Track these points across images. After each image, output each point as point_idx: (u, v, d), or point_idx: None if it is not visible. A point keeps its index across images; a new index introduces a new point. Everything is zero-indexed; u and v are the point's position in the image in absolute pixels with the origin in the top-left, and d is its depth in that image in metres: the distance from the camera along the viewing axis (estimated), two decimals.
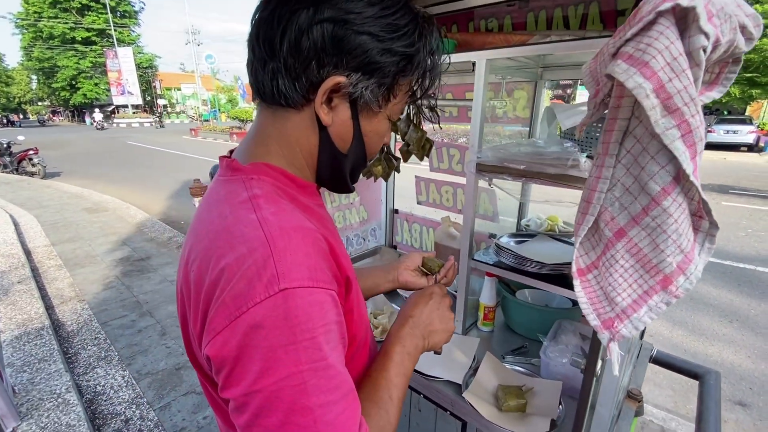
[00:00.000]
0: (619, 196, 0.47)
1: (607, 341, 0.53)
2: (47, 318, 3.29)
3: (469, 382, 1.11)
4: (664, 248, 0.46)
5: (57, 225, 6.05)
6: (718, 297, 3.95)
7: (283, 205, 0.53)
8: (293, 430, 0.43)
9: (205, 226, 0.53)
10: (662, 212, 0.44)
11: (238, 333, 0.44)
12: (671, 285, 0.47)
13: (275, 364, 0.43)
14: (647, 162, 0.44)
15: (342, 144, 0.60)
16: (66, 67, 36.07)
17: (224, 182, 0.57)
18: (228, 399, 0.46)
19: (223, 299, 0.45)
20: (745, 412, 2.52)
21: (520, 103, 1.51)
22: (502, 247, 1.21)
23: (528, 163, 1.00)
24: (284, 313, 0.43)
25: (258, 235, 0.47)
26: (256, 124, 0.61)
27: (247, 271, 0.45)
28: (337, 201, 1.84)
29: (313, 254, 0.48)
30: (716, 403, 1.13)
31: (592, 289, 0.54)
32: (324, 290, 0.47)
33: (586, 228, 0.51)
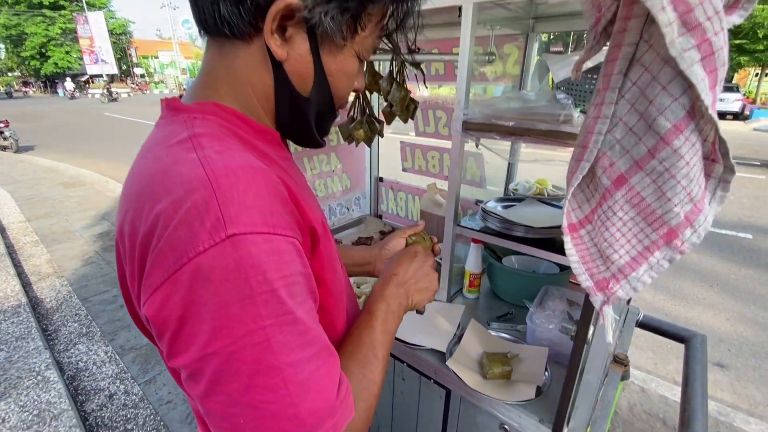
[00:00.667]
0: (621, 137, 0.41)
1: (601, 304, 0.48)
2: (24, 295, 3.19)
3: (453, 350, 1.08)
4: (671, 196, 0.39)
5: (32, 200, 5.82)
6: (699, 263, 4.03)
7: (231, 143, 0.45)
8: (260, 394, 0.38)
9: (138, 173, 0.45)
10: (672, 153, 0.37)
11: (180, 288, 0.37)
12: (676, 239, 0.42)
13: (230, 322, 0.37)
14: (657, 94, 0.36)
15: (302, 84, 0.51)
16: (34, 34, 33.90)
17: (163, 124, 0.49)
18: (176, 367, 0.40)
19: (160, 249, 0.38)
20: (724, 373, 2.60)
21: (511, 59, 1.41)
22: (489, 211, 1.15)
23: (517, 119, 0.92)
24: (235, 263, 0.37)
25: (197, 174, 0.39)
26: (203, 64, 0.52)
27: (185, 215, 0.38)
28: (318, 168, 1.75)
29: (266, 196, 0.41)
30: (702, 366, 1.12)
31: (585, 247, 0.49)
32: (282, 237, 0.40)
33: (580, 176, 0.44)
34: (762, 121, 15.00)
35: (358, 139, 1.56)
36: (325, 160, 1.76)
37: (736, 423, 2.18)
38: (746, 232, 4.77)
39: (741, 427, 2.15)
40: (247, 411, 0.38)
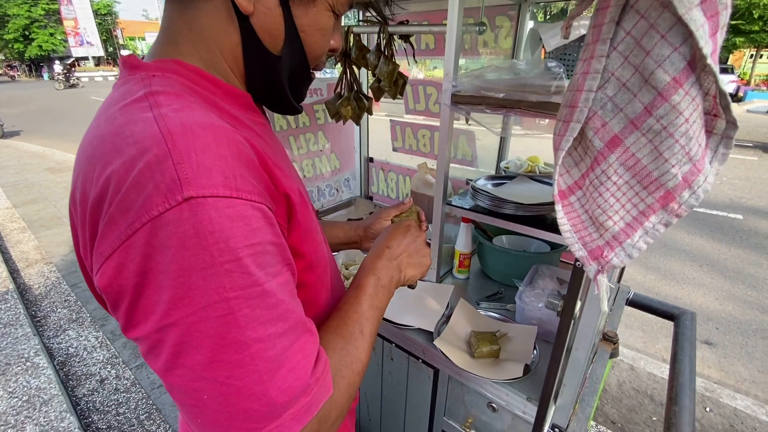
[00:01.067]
0: (613, 94, 0.37)
1: (595, 273, 0.45)
2: (11, 282, 3.15)
3: (441, 330, 1.06)
4: (668, 157, 0.36)
5: (18, 186, 5.71)
6: (690, 243, 4.06)
7: (192, 102, 0.41)
8: (225, 369, 0.35)
9: (91, 135, 0.41)
10: (671, 110, 0.34)
11: (135, 255, 0.34)
12: (673, 202, 0.39)
13: (191, 292, 0.34)
14: (655, 43, 0.33)
15: (271, 42, 0.47)
16: (17, 15, 32.69)
17: (120, 85, 0.44)
18: (134, 339, 0.37)
19: (111, 215, 0.35)
20: (711, 351, 2.64)
21: (503, 31, 1.36)
22: (479, 189, 1.12)
23: (507, 90, 0.88)
24: (193, 229, 0.34)
25: (152, 132, 0.36)
26: (162, 22, 0.48)
27: (138, 176, 0.34)
28: (305, 147, 1.70)
29: (229, 157, 0.37)
30: (691, 343, 1.12)
31: (576, 214, 0.46)
32: (247, 201, 0.37)
33: (570, 138, 0.41)
34: (756, 102, 14.99)
35: (346, 117, 1.51)
36: (313, 139, 1.71)
37: (722, 399, 2.23)
38: (737, 212, 4.80)
39: (727, 403, 2.19)
40: (212, 386, 0.36)
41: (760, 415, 2.11)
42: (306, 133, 1.68)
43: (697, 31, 0.30)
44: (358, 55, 1.43)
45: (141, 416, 2.06)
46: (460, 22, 0.96)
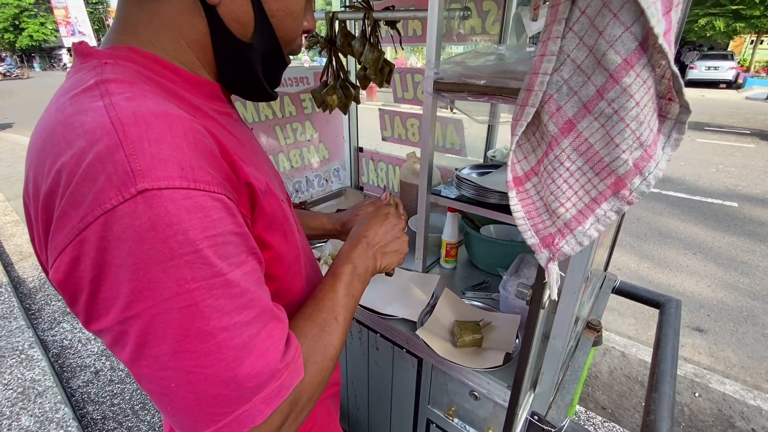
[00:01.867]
0: (568, 77, 0.36)
1: (546, 261, 0.45)
2: (5, 275, 3.14)
3: (425, 320, 1.06)
4: (619, 141, 0.35)
5: (11, 179, 5.67)
6: (684, 231, 4.07)
7: (146, 90, 0.39)
8: (191, 358, 0.36)
9: (41, 126, 0.40)
10: (621, 93, 0.33)
11: (89, 249, 0.33)
12: (624, 188, 0.38)
13: (152, 285, 0.34)
14: (608, 23, 0.32)
15: (241, 30, 0.46)
16: (6, 4, 32.11)
17: (72, 74, 0.43)
18: (96, 332, 0.37)
19: (63, 209, 0.34)
20: (702, 337, 2.67)
21: (490, 16, 1.34)
22: (463, 178, 1.11)
23: (489, 77, 0.86)
24: (150, 222, 0.33)
25: (102, 122, 0.34)
26: (118, 14, 0.46)
27: (89, 168, 0.33)
28: (292, 137, 1.68)
29: (185, 147, 0.36)
30: (675, 330, 1.12)
31: (531, 201, 0.45)
32: (205, 192, 0.36)
33: (525, 123, 0.40)
34: (755, 89, 14.89)
35: (332, 106, 1.49)
36: (300, 129, 1.69)
37: (711, 384, 2.25)
38: (732, 200, 4.80)
39: (716, 388, 2.22)
40: (179, 375, 0.36)
41: (748, 400, 2.14)
42: (293, 122, 1.66)
43: (648, 9, 0.29)
44: (343, 42, 1.41)
45: (135, 407, 2.08)
46: (442, 7, 0.94)
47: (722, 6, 15.98)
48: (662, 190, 5.12)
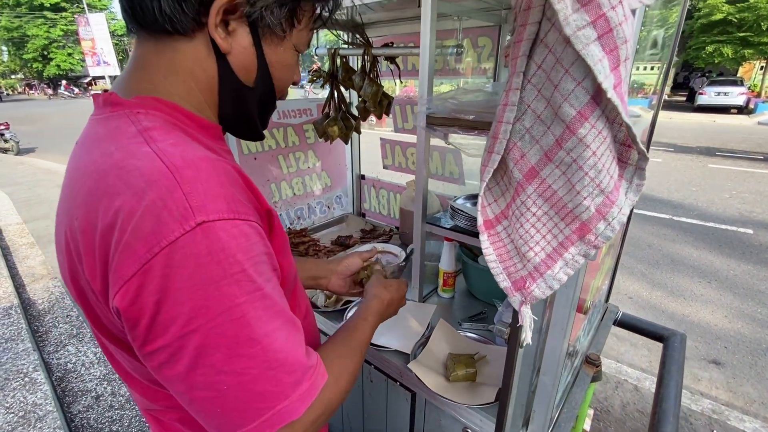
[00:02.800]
0: (530, 126, 0.37)
1: (519, 304, 0.45)
2: (16, 297, 3.20)
3: (418, 352, 1.05)
4: (580, 189, 0.36)
5: (30, 202, 5.85)
6: (698, 258, 3.97)
7: (180, 137, 0.47)
8: (242, 361, 0.42)
9: (85, 169, 0.45)
10: (578, 143, 0.34)
11: (154, 277, 0.39)
12: (589, 233, 0.39)
13: (208, 302, 0.40)
14: (561, 78, 0.33)
15: (246, 75, 0.53)
16: (36, 36, 34.04)
17: (103, 120, 0.48)
18: (152, 352, 0.42)
19: (127, 242, 0.39)
20: (719, 371, 2.56)
21: (485, 51, 1.38)
22: (457, 209, 1.12)
23: (477, 112, 0.89)
24: (207, 249, 0.40)
25: (157, 166, 0.41)
26: (134, 60, 0.52)
27: (150, 206, 0.39)
28: (295, 166, 1.72)
29: (228, 185, 0.44)
30: (679, 366, 1.09)
31: (502, 244, 0.46)
32: (246, 222, 0.43)
33: (491, 170, 0.41)
34: (767, 114, 14.77)
35: (333, 136, 1.53)
36: (302, 158, 1.73)
37: (730, 421, 2.14)
38: (746, 227, 4.69)
39: (735, 426, 2.11)
40: (232, 377, 0.42)
41: None
42: (296, 152, 1.71)
43: (595, 66, 0.30)
44: (344, 76, 1.46)
45: None
46: (433, 45, 0.97)
47: (729, 33, 16.13)
48: (674, 216, 5.03)
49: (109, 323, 0.48)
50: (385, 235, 1.81)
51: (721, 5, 16.01)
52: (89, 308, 0.49)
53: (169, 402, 0.54)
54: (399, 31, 1.55)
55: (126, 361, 0.53)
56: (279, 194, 1.70)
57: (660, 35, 1.14)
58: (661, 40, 1.16)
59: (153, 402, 0.56)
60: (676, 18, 1.15)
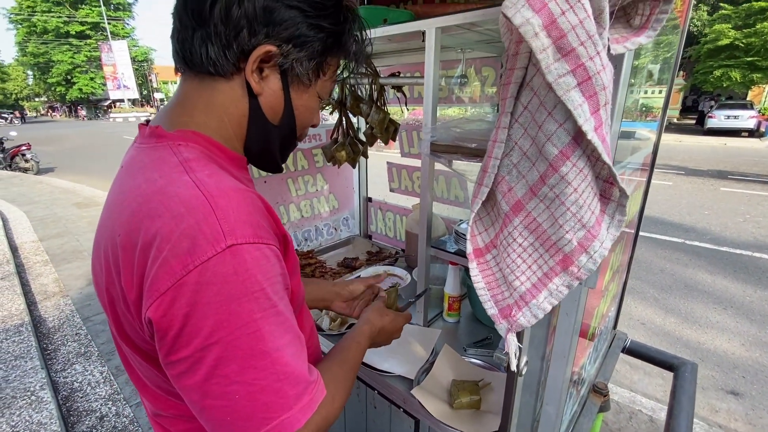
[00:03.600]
0: (517, 162, 0.40)
1: (506, 332, 0.46)
2: (28, 314, 3.24)
3: (422, 378, 1.04)
4: (562, 223, 0.38)
5: (46, 220, 6.00)
6: (712, 284, 3.88)
7: (216, 168, 0.53)
8: (252, 373, 0.46)
9: (130, 192, 0.51)
10: (560, 180, 0.36)
11: (186, 291, 0.43)
12: (572, 265, 0.40)
13: (230, 317, 0.44)
14: (544, 119, 0.36)
15: (273, 115, 0.60)
16: (61, 61, 35.73)
17: (147, 149, 0.55)
18: (175, 361, 0.46)
19: (165, 258, 0.44)
20: (738, 402, 2.46)
21: (489, 80, 1.42)
22: (461, 233, 1.13)
23: (479, 140, 0.91)
24: (234, 269, 0.44)
25: (195, 194, 0.46)
26: (179, 94, 0.59)
27: (188, 229, 0.44)
28: (303, 189, 1.76)
29: (254, 212, 0.49)
30: (690, 398, 1.06)
31: (491, 272, 0.47)
32: (267, 246, 0.48)
33: (480, 201, 0.43)
34: None
35: (341, 161, 1.57)
36: (311, 181, 1.77)
37: None
38: (762, 252, 4.59)
39: None
40: (243, 387, 0.46)
41: None
42: (305, 175, 1.75)
43: (575, 110, 0.33)
44: (353, 104, 1.51)
45: None
46: (437, 76, 1.01)
47: (737, 58, 16.21)
48: (686, 239, 4.95)
49: (132, 332, 0.53)
50: (391, 257, 1.82)
51: (728, 31, 16.18)
52: (116, 317, 0.54)
53: (178, 411, 0.58)
54: (405, 61, 1.61)
55: (142, 369, 0.58)
56: (288, 216, 1.73)
57: (661, 60, 1.17)
58: (662, 64, 1.20)
59: (162, 410, 0.60)
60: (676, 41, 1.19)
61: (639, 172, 1.22)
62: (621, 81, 0.48)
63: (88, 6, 36.42)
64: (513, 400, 0.61)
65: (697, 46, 18.22)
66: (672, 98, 1.39)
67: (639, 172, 1.22)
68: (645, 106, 1.27)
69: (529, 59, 0.36)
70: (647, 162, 1.32)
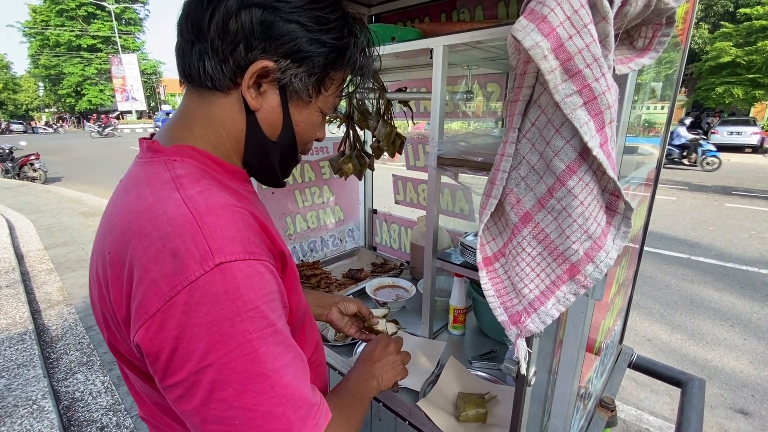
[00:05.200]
0: (525, 175, 0.41)
1: (515, 337, 0.47)
2: (31, 323, 3.25)
3: (427, 390, 1.04)
4: (569, 234, 0.40)
5: (52, 229, 6.04)
6: (719, 300, 3.84)
7: (207, 184, 0.51)
8: (251, 397, 0.44)
9: (122, 208, 0.51)
10: (567, 193, 0.38)
11: (175, 313, 0.42)
12: (579, 274, 0.41)
13: (222, 338, 0.42)
14: (552, 136, 0.37)
15: (271, 131, 0.58)
16: (72, 73, 36.50)
17: (144, 164, 0.55)
18: (170, 386, 0.44)
19: (152, 279, 0.43)
20: (747, 421, 2.42)
21: (494, 96, 1.45)
22: (467, 245, 1.14)
23: (485, 154, 0.93)
24: (223, 287, 0.43)
25: (182, 213, 0.45)
26: (180, 108, 0.59)
27: (175, 248, 0.43)
28: (310, 200, 1.78)
29: (244, 229, 0.48)
30: (698, 414, 1.05)
31: (500, 280, 0.48)
32: (260, 261, 0.47)
33: (489, 212, 0.45)
34: None
35: (347, 173, 1.59)
36: (317, 193, 1.80)
37: None
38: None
39: None
40: (242, 413, 0.44)
41: None
42: (311, 187, 1.78)
43: (581, 128, 0.34)
44: (360, 118, 1.55)
45: None
46: (444, 92, 1.04)
47: (738, 75, 16.35)
48: (691, 255, 4.92)
49: (125, 349, 0.52)
50: (396, 269, 1.82)
51: (729, 48, 16.35)
52: (111, 332, 0.53)
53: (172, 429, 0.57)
54: (412, 76, 1.64)
55: (136, 382, 0.57)
56: (294, 227, 1.75)
57: (663, 77, 1.20)
58: (665, 81, 1.22)
59: (158, 423, 0.59)
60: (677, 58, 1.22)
61: (643, 187, 1.24)
62: (625, 99, 0.50)
63: (100, 21, 37.34)
64: (522, 411, 0.61)
65: (698, 63, 18.41)
66: (674, 115, 1.41)
67: (643, 187, 1.24)
68: (648, 121, 1.29)
69: (536, 79, 0.38)
70: (651, 177, 1.33)
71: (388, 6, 1.59)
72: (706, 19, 20.78)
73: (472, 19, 1.44)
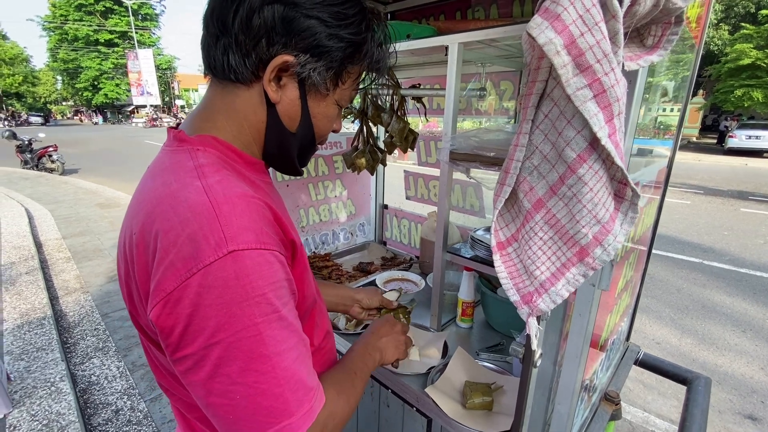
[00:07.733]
0: (537, 164, 0.44)
1: (527, 316, 0.50)
2: (50, 308, 3.36)
3: (435, 378, 1.07)
4: (579, 218, 0.42)
5: (69, 219, 6.20)
6: (731, 305, 3.79)
7: (227, 174, 0.54)
8: (253, 376, 0.47)
9: (148, 193, 0.54)
10: (578, 181, 0.40)
11: (190, 293, 0.45)
12: (588, 257, 0.44)
13: (231, 319, 0.46)
14: (564, 127, 0.40)
15: (290, 122, 0.61)
16: (89, 68, 37.19)
17: (170, 152, 0.58)
18: (181, 358, 0.48)
19: (171, 260, 0.46)
20: (756, 427, 2.40)
21: (507, 94, 1.47)
22: (477, 240, 1.17)
23: (497, 150, 0.96)
24: (235, 273, 0.46)
25: (202, 200, 0.48)
26: (205, 99, 0.62)
27: (193, 234, 0.46)
28: (323, 194, 1.82)
29: (258, 219, 0.51)
30: (703, 411, 1.06)
31: (512, 263, 0.51)
32: (270, 251, 0.49)
33: (503, 199, 0.48)
34: None
35: (360, 168, 1.62)
36: (330, 186, 1.83)
37: None
38: None
39: None
40: (243, 389, 0.47)
41: None
42: (325, 180, 1.81)
43: (591, 120, 0.37)
44: (374, 113, 1.57)
45: None
46: (458, 89, 1.06)
47: (759, 78, 15.98)
48: (704, 260, 4.85)
49: (145, 323, 0.56)
50: (405, 263, 1.85)
51: (749, 50, 15.98)
52: (134, 307, 0.57)
53: (187, 397, 0.60)
54: (426, 73, 1.67)
55: (154, 354, 0.60)
56: (307, 220, 1.79)
57: (679, 78, 1.20)
58: (680, 82, 1.23)
59: (180, 397, 0.63)
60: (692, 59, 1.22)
61: (653, 188, 1.25)
62: (635, 94, 0.53)
63: (117, 16, 37.96)
64: (527, 392, 0.64)
65: (717, 65, 18.03)
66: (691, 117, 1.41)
67: (653, 188, 1.25)
68: (662, 123, 1.30)
69: (549, 73, 0.41)
70: (661, 179, 1.34)
71: (404, 4, 1.61)
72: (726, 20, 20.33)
73: (486, 17, 1.46)
